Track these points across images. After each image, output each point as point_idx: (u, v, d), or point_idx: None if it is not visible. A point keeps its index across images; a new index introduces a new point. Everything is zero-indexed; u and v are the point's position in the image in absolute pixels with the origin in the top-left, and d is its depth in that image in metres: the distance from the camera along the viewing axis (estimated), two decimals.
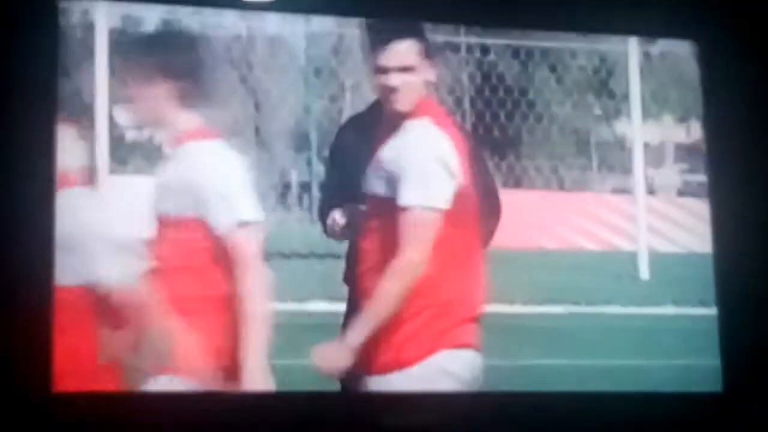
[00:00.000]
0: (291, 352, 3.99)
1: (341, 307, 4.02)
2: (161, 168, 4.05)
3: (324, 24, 6.79)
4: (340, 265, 4.15)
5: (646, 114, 6.75)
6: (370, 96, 4.03)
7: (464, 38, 6.89)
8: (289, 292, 5.80)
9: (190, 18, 6.62)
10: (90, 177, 4.09)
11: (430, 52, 3.75)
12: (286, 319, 4.07)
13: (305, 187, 6.83)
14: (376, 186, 3.65)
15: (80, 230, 3.86)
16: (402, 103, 3.66)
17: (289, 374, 3.99)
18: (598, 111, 7.19)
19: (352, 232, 3.83)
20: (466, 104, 6.83)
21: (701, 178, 4.91)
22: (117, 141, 6.56)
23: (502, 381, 4.53)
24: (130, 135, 6.73)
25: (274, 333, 3.89)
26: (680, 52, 5.92)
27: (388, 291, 3.63)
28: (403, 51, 3.63)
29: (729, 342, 4.44)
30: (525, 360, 5.08)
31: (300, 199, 6.91)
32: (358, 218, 3.80)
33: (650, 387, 4.50)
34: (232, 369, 3.83)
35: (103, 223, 3.96)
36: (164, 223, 3.95)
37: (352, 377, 3.74)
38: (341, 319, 4.07)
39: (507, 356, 4.96)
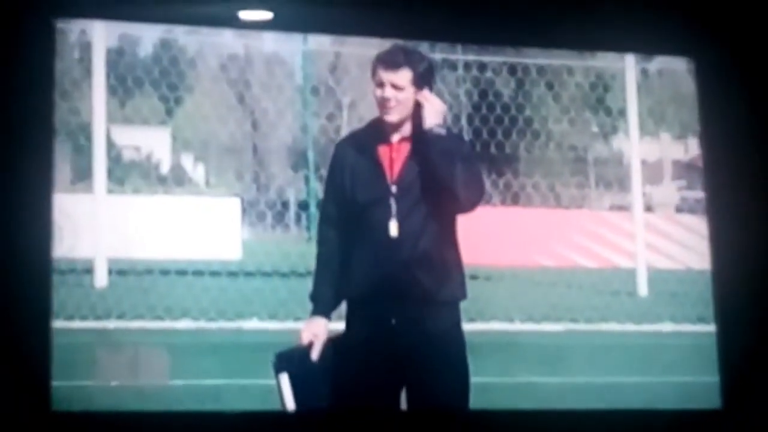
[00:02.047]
0: None
1: (340, 326, 4.02)
2: None
3: (321, 42, 6.80)
4: None
5: (644, 131, 6.77)
6: (367, 114, 4.05)
7: (461, 56, 6.90)
8: (288, 312, 5.80)
9: (187, 37, 6.65)
10: None
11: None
12: (288, 337, 4.06)
13: (303, 205, 6.84)
14: None
15: None
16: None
17: None
18: (595, 128, 7.20)
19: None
20: (463, 121, 6.84)
21: (699, 194, 4.91)
22: (114, 161, 6.58)
23: (500, 398, 4.52)
24: (128, 154, 6.74)
25: (271, 352, 3.88)
26: (677, 69, 5.94)
27: None
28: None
29: (727, 358, 4.42)
30: (523, 377, 5.08)
31: (298, 217, 6.92)
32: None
33: (649, 404, 4.49)
34: None
35: None
36: None
37: None
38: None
39: (505, 374, 4.96)
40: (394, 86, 3.86)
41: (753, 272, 4.42)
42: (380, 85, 3.88)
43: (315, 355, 3.82)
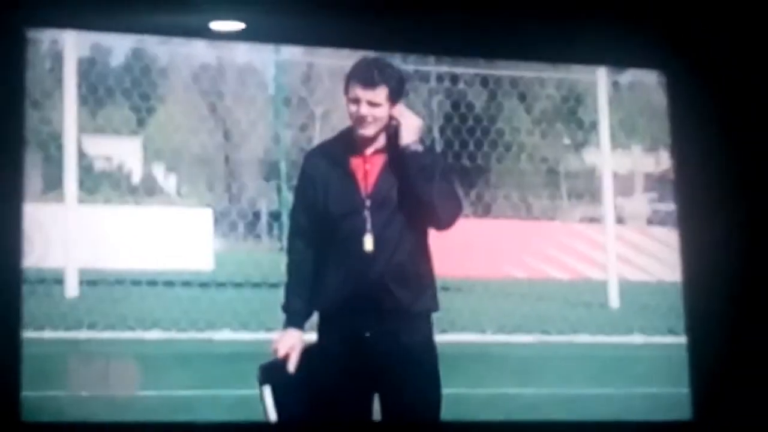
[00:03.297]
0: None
1: (312, 336, 4.02)
2: None
3: (293, 53, 6.81)
4: None
5: (615, 143, 6.80)
6: (340, 124, 4.04)
7: (434, 67, 6.92)
8: (259, 322, 5.79)
9: (159, 47, 6.64)
10: None
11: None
12: (259, 348, 4.06)
13: (275, 215, 6.84)
14: None
15: None
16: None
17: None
18: (566, 140, 7.23)
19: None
20: (436, 132, 6.86)
21: (670, 206, 4.92)
22: (85, 170, 6.56)
23: (472, 410, 4.53)
24: (99, 164, 6.72)
25: (247, 362, 3.88)
26: (648, 82, 5.97)
27: None
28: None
29: (698, 370, 4.44)
30: (495, 389, 5.08)
31: (270, 227, 6.91)
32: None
33: (620, 415, 4.51)
34: None
35: None
36: None
37: None
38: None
39: (477, 385, 4.96)
40: (371, 103, 3.83)
41: (723, 284, 4.44)
42: (355, 101, 3.85)
43: (292, 367, 3.81)
